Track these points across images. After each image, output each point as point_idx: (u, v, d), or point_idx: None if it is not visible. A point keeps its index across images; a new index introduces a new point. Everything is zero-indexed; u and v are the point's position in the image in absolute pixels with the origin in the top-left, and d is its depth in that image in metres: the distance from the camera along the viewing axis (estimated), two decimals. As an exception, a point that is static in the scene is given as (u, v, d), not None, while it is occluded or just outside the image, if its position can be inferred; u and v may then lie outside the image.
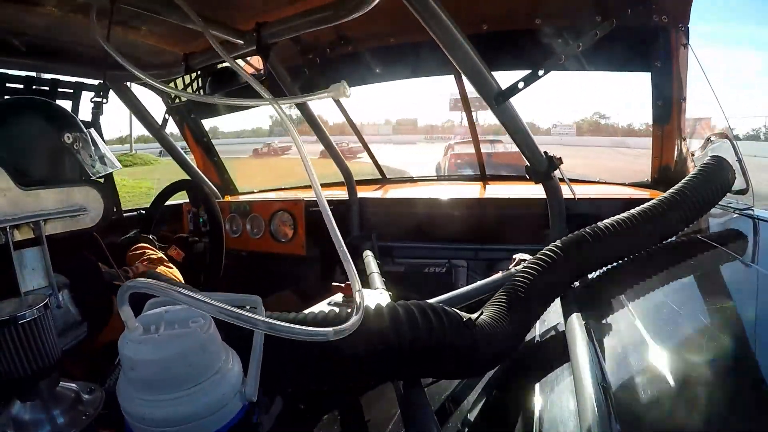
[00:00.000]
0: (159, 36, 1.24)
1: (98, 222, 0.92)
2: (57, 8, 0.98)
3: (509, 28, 1.34)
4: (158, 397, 0.42)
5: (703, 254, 0.96)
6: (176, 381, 0.43)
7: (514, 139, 1.09)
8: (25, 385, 0.49)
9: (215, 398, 0.44)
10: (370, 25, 1.15)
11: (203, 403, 0.43)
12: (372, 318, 0.65)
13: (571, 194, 1.22)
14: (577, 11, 1.17)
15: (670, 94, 1.32)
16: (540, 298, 0.81)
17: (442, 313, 0.68)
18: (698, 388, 0.51)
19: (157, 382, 0.43)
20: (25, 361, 0.47)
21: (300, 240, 1.56)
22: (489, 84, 0.99)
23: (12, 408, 0.49)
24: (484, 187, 2.04)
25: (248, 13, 1.17)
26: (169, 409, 0.42)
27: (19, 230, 0.79)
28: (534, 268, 0.85)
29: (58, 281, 0.84)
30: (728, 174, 0.99)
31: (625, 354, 0.64)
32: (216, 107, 2.02)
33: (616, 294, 0.86)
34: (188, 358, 0.43)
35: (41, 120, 0.89)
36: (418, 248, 1.56)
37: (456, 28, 0.90)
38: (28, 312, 0.47)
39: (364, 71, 1.77)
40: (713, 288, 0.84)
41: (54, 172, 0.88)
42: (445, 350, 0.65)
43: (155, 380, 0.43)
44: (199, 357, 0.44)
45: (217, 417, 0.44)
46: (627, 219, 0.89)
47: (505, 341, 0.74)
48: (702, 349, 0.61)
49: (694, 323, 0.70)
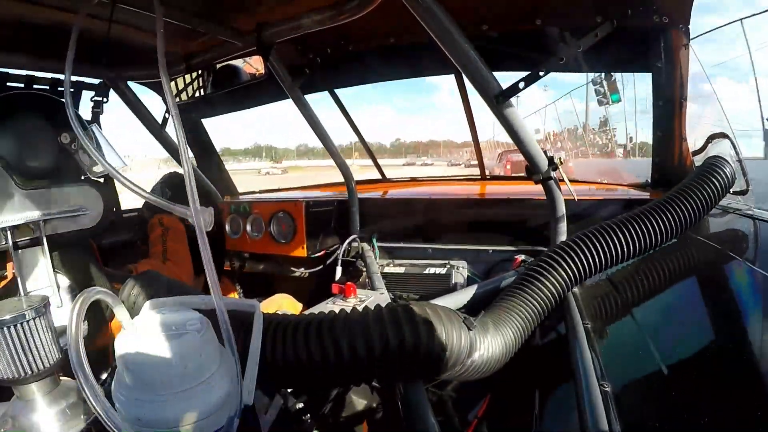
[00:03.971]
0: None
1: (98, 222, 0.92)
2: (57, 7, 0.98)
3: (509, 28, 1.34)
4: (154, 398, 0.42)
5: (703, 254, 0.96)
6: (172, 382, 0.43)
7: (514, 139, 1.09)
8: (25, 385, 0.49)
9: (211, 400, 0.44)
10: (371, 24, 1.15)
11: (199, 405, 0.43)
12: (372, 319, 0.65)
13: (572, 195, 1.22)
14: (577, 12, 1.17)
15: (670, 95, 1.32)
16: (541, 300, 0.81)
17: (442, 315, 0.68)
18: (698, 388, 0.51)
19: (152, 383, 0.43)
20: (25, 360, 0.47)
21: (300, 241, 1.56)
22: (489, 84, 0.99)
23: (12, 407, 0.49)
24: (485, 187, 2.04)
25: (249, 13, 1.17)
26: (164, 410, 0.42)
27: (19, 230, 0.78)
28: (535, 270, 0.85)
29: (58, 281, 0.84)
30: (728, 174, 0.99)
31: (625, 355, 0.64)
32: (217, 107, 2.02)
33: (616, 295, 0.86)
34: (184, 359, 0.43)
35: (39, 119, 0.89)
36: (418, 249, 1.56)
37: (456, 28, 0.90)
38: (28, 312, 0.47)
39: (365, 71, 1.77)
40: (713, 289, 0.84)
41: (53, 172, 0.87)
42: (445, 351, 0.65)
43: (151, 381, 0.43)
44: (195, 359, 0.44)
45: (213, 419, 0.44)
46: (627, 221, 0.89)
47: (505, 343, 0.74)
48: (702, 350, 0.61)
49: (694, 324, 0.70)
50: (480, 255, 1.47)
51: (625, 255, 0.87)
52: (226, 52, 1.36)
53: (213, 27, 1.19)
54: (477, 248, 1.47)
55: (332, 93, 1.93)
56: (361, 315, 0.66)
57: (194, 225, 0.47)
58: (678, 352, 0.60)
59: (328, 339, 0.62)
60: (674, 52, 1.25)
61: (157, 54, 0.58)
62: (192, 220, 0.47)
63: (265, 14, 1.18)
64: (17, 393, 0.49)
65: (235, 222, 1.73)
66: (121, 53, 1.34)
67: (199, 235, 0.46)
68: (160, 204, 0.52)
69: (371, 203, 1.71)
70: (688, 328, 0.68)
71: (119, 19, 1.04)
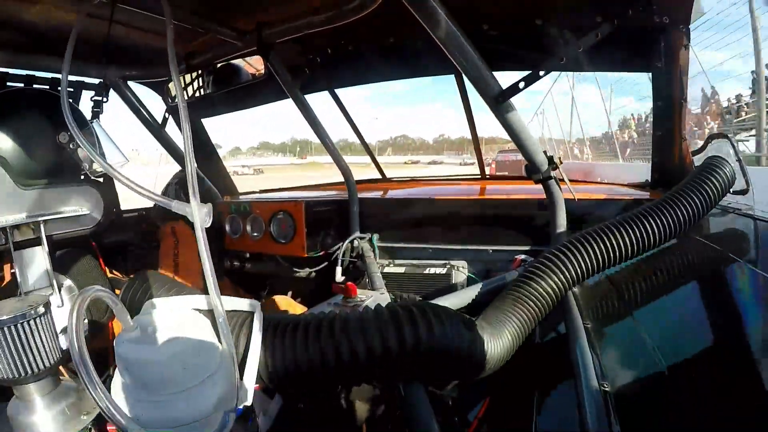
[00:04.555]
0: (159, 36, 1.24)
1: (98, 222, 0.92)
2: (57, 7, 0.98)
3: (509, 28, 1.34)
4: (152, 397, 0.42)
5: (703, 255, 0.96)
6: (171, 382, 0.43)
7: (514, 139, 1.09)
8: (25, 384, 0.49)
9: (210, 401, 0.44)
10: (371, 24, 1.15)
11: (198, 405, 0.43)
12: (372, 319, 0.65)
13: (571, 195, 1.22)
14: (577, 12, 1.17)
15: (670, 95, 1.32)
16: (541, 300, 0.81)
17: (443, 315, 0.68)
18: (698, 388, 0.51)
19: (151, 382, 0.43)
20: (25, 360, 0.47)
21: (300, 241, 1.56)
22: (489, 84, 0.99)
23: (13, 407, 0.49)
24: (485, 187, 2.04)
25: (249, 13, 1.17)
26: (162, 410, 0.42)
27: (19, 230, 0.78)
28: (535, 270, 0.85)
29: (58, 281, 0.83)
30: (728, 174, 0.99)
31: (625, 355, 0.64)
32: (217, 107, 2.01)
33: (616, 295, 0.86)
34: (183, 360, 0.43)
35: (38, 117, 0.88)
36: (418, 249, 1.56)
37: (456, 28, 0.90)
38: (29, 312, 0.47)
39: (365, 71, 1.77)
40: (713, 289, 0.84)
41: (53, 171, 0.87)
42: (446, 351, 0.65)
43: (149, 381, 0.43)
44: (194, 359, 0.44)
45: (211, 419, 0.44)
46: (627, 221, 0.89)
47: (505, 343, 0.74)
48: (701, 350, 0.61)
49: (694, 324, 0.70)
50: (480, 255, 1.47)
51: (625, 255, 0.86)
52: (226, 52, 1.36)
53: (213, 27, 1.19)
54: (477, 248, 1.47)
55: (332, 93, 1.93)
56: (362, 315, 0.66)
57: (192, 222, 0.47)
58: (678, 352, 0.60)
59: (328, 340, 0.62)
60: (674, 52, 1.25)
61: (168, 54, 0.58)
62: (191, 216, 0.48)
63: (265, 14, 1.18)
64: (17, 393, 0.49)
65: (235, 222, 1.73)
66: (121, 53, 1.34)
67: (198, 232, 0.46)
68: (156, 200, 0.52)
69: (371, 203, 1.71)
70: (688, 328, 0.68)
71: (119, 19, 1.04)
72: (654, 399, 0.48)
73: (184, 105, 0.55)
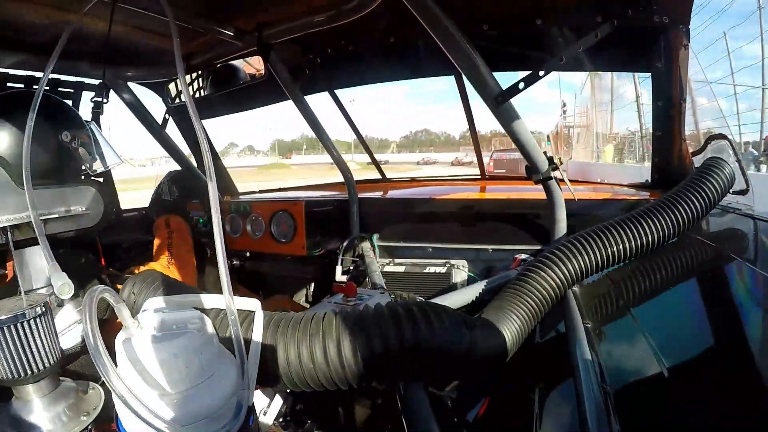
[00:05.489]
0: (159, 36, 1.24)
1: (98, 222, 0.92)
2: (57, 7, 0.98)
3: (509, 28, 1.34)
4: (154, 397, 0.42)
5: (703, 254, 0.96)
6: (173, 382, 0.42)
7: (513, 139, 1.09)
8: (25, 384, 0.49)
9: (211, 400, 0.44)
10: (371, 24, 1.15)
11: (198, 405, 0.43)
12: (372, 318, 0.65)
13: (571, 195, 1.22)
14: (577, 12, 1.18)
15: (670, 95, 1.32)
16: (541, 299, 0.81)
17: (443, 314, 0.68)
18: (698, 388, 0.51)
19: (153, 382, 0.42)
20: (25, 360, 0.47)
21: (300, 240, 1.56)
22: (489, 84, 0.99)
23: (12, 407, 0.49)
24: (484, 187, 2.04)
25: (249, 13, 1.17)
26: (164, 410, 0.42)
27: (19, 230, 0.78)
28: (535, 270, 0.85)
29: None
30: (728, 174, 0.99)
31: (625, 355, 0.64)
32: (216, 108, 2.01)
33: (616, 295, 0.86)
34: (185, 359, 0.43)
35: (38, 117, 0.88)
36: (418, 248, 1.56)
37: (456, 28, 0.90)
38: (29, 311, 0.47)
39: (365, 71, 1.77)
40: (713, 288, 0.84)
41: (53, 171, 0.87)
42: (446, 350, 0.65)
43: (151, 381, 0.42)
44: (195, 359, 0.44)
45: (213, 419, 0.44)
46: (627, 221, 0.89)
47: (505, 343, 0.74)
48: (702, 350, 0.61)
49: (694, 323, 0.70)
50: (480, 254, 1.47)
51: (625, 255, 0.87)
52: (226, 52, 1.36)
53: (213, 27, 1.19)
54: (477, 248, 1.47)
55: (332, 93, 1.93)
56: (362, 314, 0.66)
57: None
58: (678, 352, 0.60)
59: (328, 339, 0.62)
60: (674, 52, 1.25)
61: (175, 56, 0.58)
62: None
63: (265, 14, 1.18)
64: (17, 393, 0.49)
65: (235, 221, 1.73)
66: (121, 54, 1.34)
67: (216, 232, 0.47)
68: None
69: (371, 203, 1.71)
70: (688, 328, 0.68)
71: (119, 19, 1.04)
72: (654, 399, 0.48)
73: (191, 102, 0.55)
